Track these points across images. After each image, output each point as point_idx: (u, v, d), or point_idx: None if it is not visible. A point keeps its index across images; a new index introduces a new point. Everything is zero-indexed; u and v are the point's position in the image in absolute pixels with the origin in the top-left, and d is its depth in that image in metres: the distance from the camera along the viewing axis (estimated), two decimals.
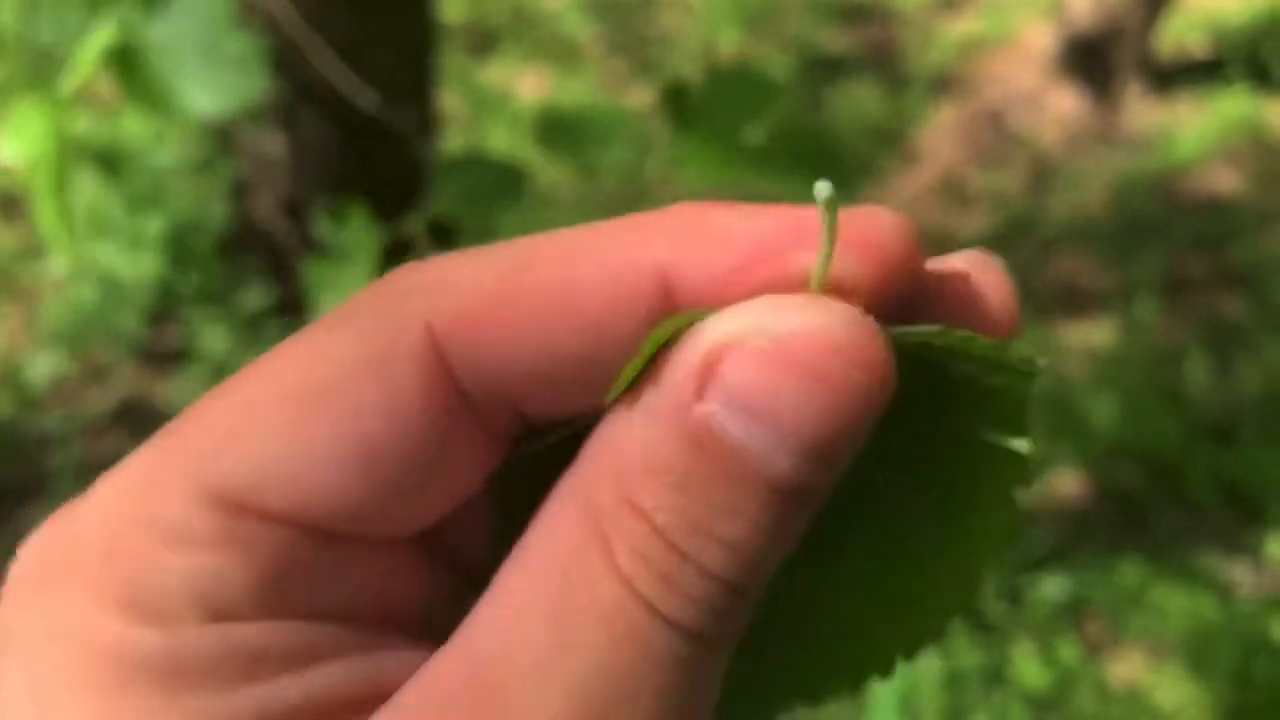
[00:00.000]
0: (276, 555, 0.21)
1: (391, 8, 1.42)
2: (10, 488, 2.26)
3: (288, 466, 0.21)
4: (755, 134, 0.58)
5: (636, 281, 0.22)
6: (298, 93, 1.45)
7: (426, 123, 1.59)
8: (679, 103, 0.61)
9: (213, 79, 0.55)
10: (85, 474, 2.30)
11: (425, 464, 0.21)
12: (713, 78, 0.61)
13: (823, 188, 0.23)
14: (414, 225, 0.66)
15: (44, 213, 0.63)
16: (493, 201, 0.64)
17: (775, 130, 0.59)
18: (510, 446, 0.24)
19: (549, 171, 2.50)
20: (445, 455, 0.22)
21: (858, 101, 3.34)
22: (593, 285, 0.22)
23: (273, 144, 1.54)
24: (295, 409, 0.21)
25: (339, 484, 0.21)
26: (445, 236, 0.69)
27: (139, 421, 2.40)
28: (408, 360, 0.21)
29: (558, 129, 0.67)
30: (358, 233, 0.66)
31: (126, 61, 0.55)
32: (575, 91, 3.50)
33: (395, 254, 0.67)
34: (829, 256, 0.23)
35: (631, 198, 3.03)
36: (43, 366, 1.94)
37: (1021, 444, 0.27)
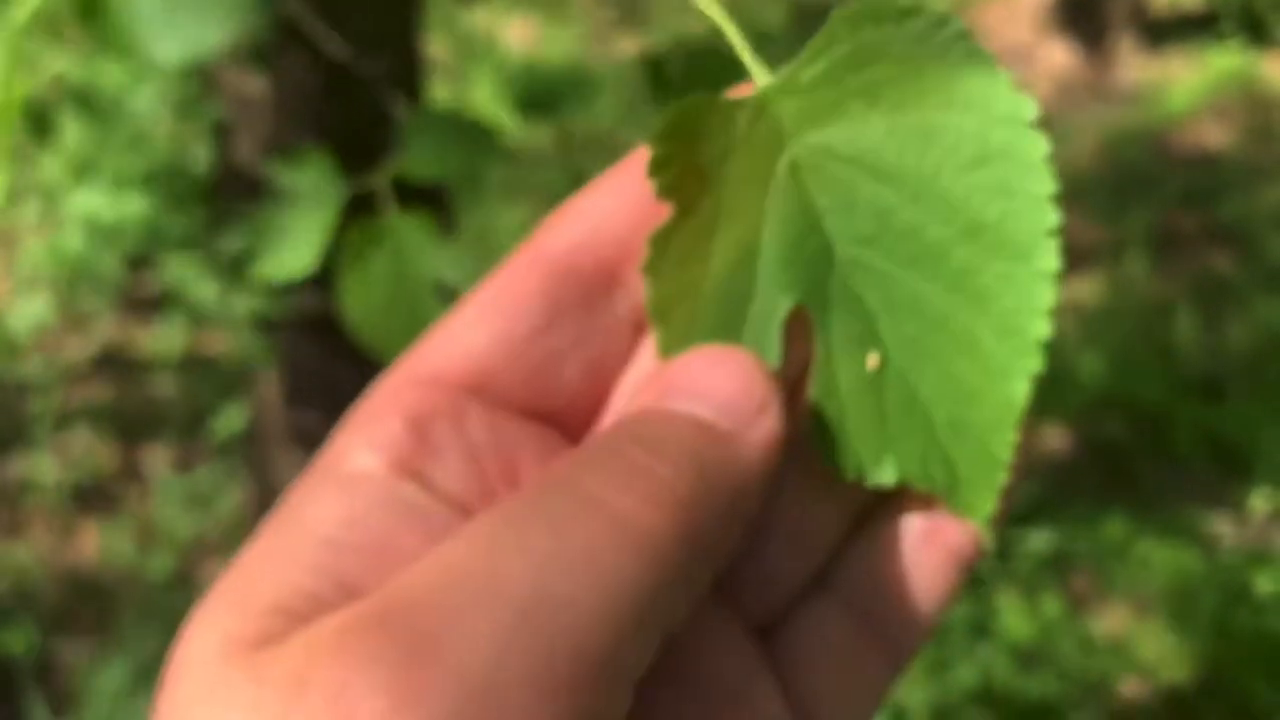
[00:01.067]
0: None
1: None
2: None
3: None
4: None
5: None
6: (280, 34, 1.42)
7: (410, 70, 1.56)
8: (656, 76, 0.60)
9: (176, 26, 0.53)
10: (65, 422, 2.28)
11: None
12: (686, 55, 0.61)
13: None
14: (379, 180, 0.63)
15: None
16: (464, 159, 0.63)
17: None
18: None
19: (530, 128, 2.48)
20: None
21: None
22: None
23: (255, 86, 1.52)
24: None
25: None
26: (413, 193, 0.67)
27: (119, 369, 2.39)
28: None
29: (537, 90, 0.66)
30: (316, 179, 0.64)
31: (88, 3, 0.54)
32: (562, 40, 3.46)
33: (360, 208, 0.65)
34: None
35: (610, 154, 3.01)
36: (25, 313, 1.93)
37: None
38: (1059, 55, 3.22)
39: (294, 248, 0.61)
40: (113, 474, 2.18)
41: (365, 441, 0.24)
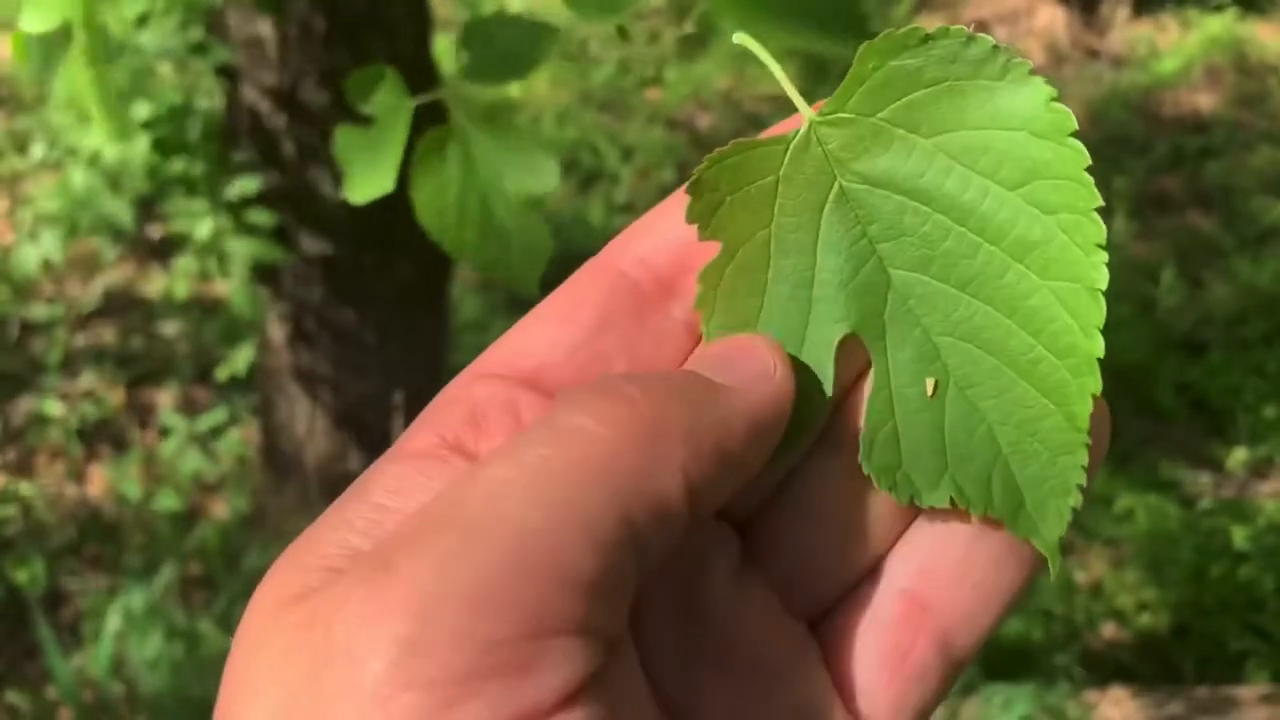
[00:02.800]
0: None
1: None
2: (1, 376, 2.27)
3: None
4: None
5: None
6: None
7: (416, 15, 1.58)
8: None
9: None
10: (72, 363, 2.31)
11: None
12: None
13: None
14: (444, 92, 0.65)
15: (79, 80, 0.63)
16: (521, 61, 0.64)
17: None
18: None
19: (578, 27, 2.49)
20: None
21: None
22: None
23: (261, 28, 1.54)
24: None
25: None
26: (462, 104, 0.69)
27: (126, 311, 2.41)
28: None
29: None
30: (389, 97, 0.65)
31: None
32: None
33: (421, 125, 0.66)
34: None
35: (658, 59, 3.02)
36: (33, 253, 1.95)
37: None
38: (1051, 18, 3.24)
39: (375, 168, 0.64)
40: (120, 414, 2.21)
41: (429, 427, 0.27)
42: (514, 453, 0.24)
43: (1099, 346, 0.27)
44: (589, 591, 0.23)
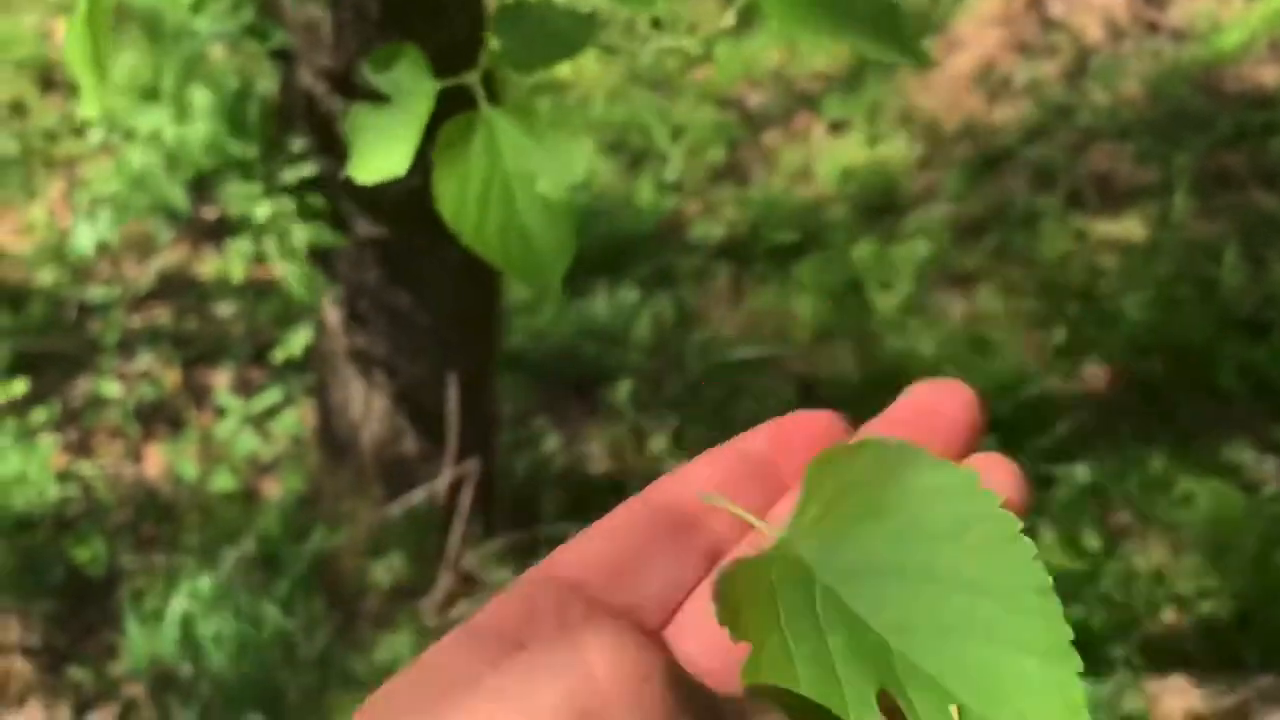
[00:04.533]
0: None
1: None
2: (58, 357, 2.30)
3: None
4: None
5: None
6: None
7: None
8: None
9: None
10: (129, 344, 2.34)
11: None
12: None
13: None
14: (471, 76, 0.62)
15: (75, 53, 0.61)
16: (555, 50, 0.62)
17: None
18: None
19: (616, 14, 2.48)
20: None
21: None
22: None
23: (315, 12, 1.53)
24: None
25: None
26: (499, 88, 0.66)
27: (180, 293, 2.43)
28: None
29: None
30: (408, 76, 0.62)
31: None
32: None
33: (449, 108, 0.64)
34: None
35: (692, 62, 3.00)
36: (89, 234, 1.96)
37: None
38: None
39: (387, 149, 0.61)
40: (176, 394, 2.23)
41: (489, 615, 0.32)
42: (520, 675, 0.27)
43: (1078, 662, 0.31)
44: None
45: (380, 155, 0.60)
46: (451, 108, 0.61)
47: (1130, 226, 2.62)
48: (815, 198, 2.82)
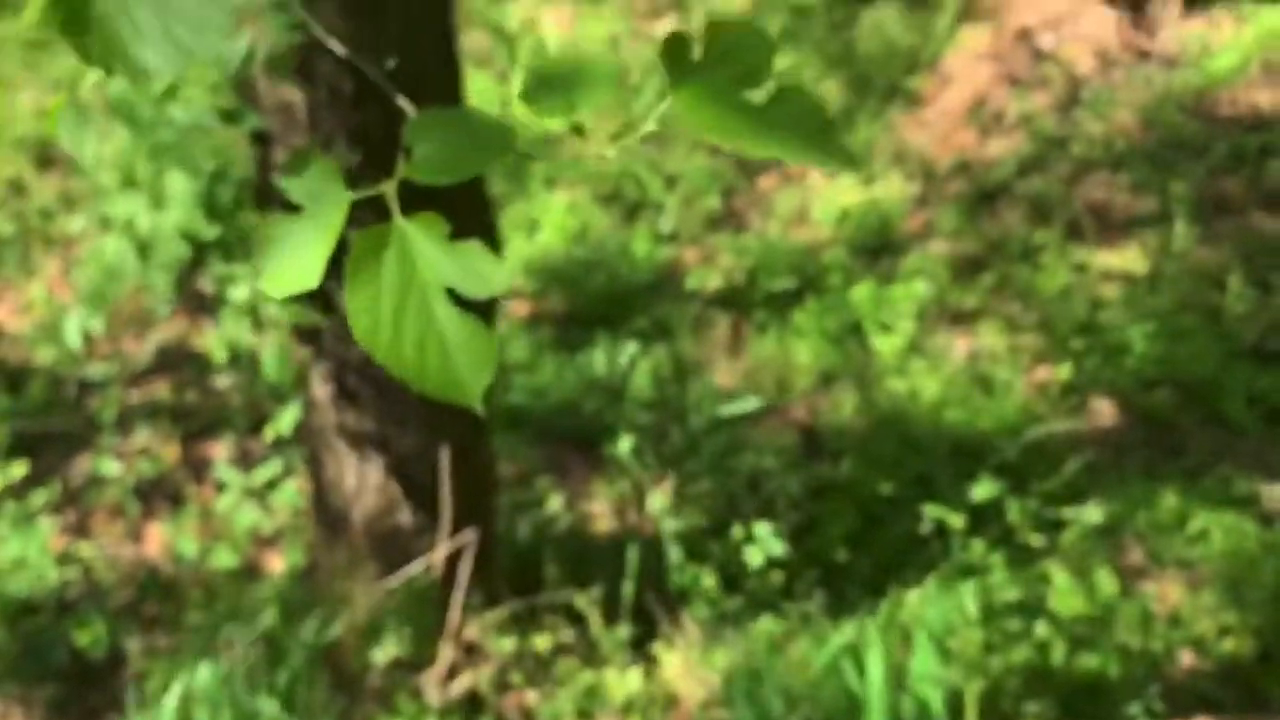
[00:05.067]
0: None
1: None
2: (59, 436, 2.30)
3: None
4: (756, 95, 0.58)
5: None
6: (312, 43, 1.44)
7: (445, 69, 1.57)
8: (679, 56, 0.59)
9: (169, 36, 0.52)
10: (128, 421, 2.34)
11: None
12: (714, 33, 0.59)
13: None
14: (387, 186, 0.60)
15: (65, 133, 0.59)
16: (473, 158, 0.60)
17: (774, 93, 0.58)
18: None
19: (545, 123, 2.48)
20: None
21: (889, 22, 3.28)
22: None
23: (291, 94, 1.54)
24: None
25: None
26: (421, 196, 0.64)
27: (178, 366, 2.44)
28: None
29: (545, 86, 0.63)
30: (321, 184, 0.61)
31: (72, 16, 0.53)
32: (601, 23, 3.45)
33: (366, 213, 0.62)
34: None
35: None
36: (76, 324, 1.97)
37: None
38: (1100, 20, 3.17)
39: (298, 260, 0.59)
40: (175, 469, 2.23)
41: None
42: None
43: None
44: None
45: (291, 267, 0.58)
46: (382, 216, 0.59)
47: (1130, 257, 2.60)
48: (812, 241, 2.80)
